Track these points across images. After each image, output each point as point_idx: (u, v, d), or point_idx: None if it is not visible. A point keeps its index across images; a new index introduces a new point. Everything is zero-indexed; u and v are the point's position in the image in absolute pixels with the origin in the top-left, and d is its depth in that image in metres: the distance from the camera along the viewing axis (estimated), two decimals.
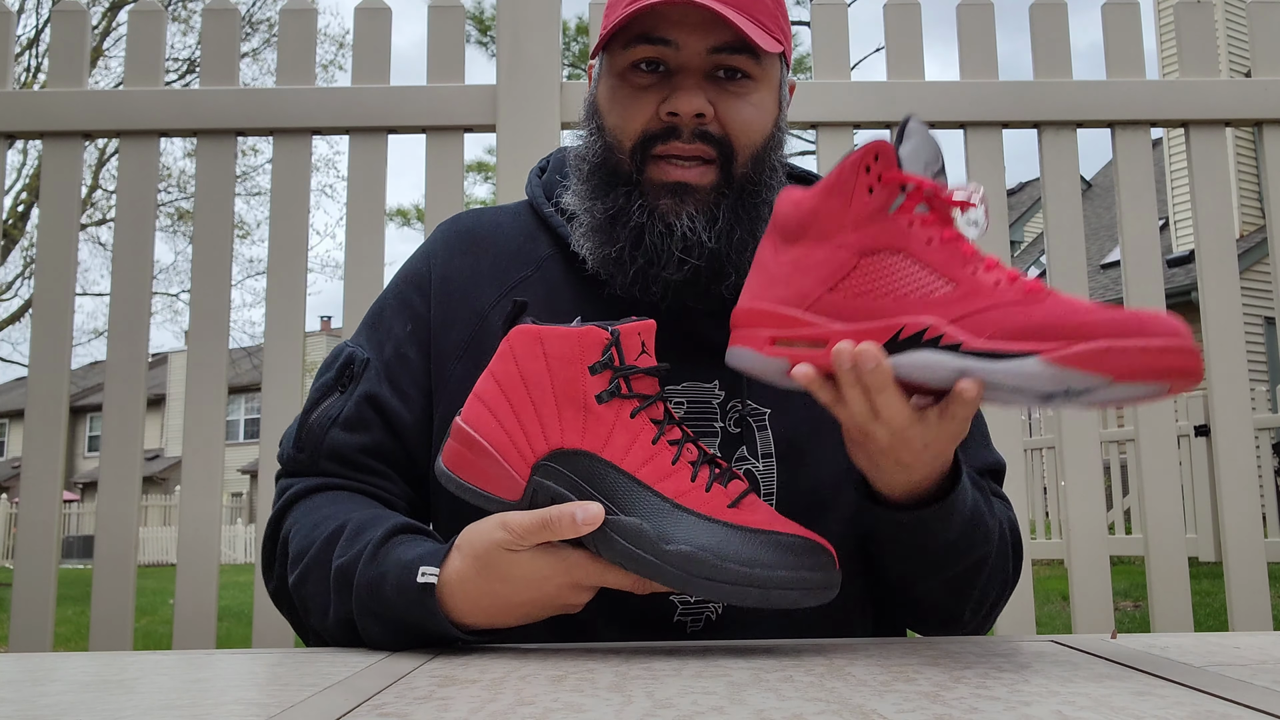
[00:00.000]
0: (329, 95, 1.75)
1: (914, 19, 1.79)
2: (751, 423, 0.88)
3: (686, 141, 0.84)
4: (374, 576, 0.76)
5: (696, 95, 0.83)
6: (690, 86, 0.83)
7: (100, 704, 0.57)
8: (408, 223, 16.01)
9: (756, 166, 0.87)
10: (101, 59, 12.58)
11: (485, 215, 1.00)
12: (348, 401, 0.91)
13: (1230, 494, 1.69)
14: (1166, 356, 0.62)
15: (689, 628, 0.86)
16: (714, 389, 0.88)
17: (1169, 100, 1.77)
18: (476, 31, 13.63)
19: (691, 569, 0.68)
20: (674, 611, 0.86)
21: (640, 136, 0.85)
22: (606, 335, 0.72)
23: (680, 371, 0.87)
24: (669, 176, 0.84)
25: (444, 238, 0.99)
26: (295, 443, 0.93)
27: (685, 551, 0.68)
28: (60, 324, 1.71)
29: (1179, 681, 0.58)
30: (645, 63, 0.85)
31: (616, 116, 0.86)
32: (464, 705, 0.54)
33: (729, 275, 0.85)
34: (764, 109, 0.88)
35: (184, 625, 1.63)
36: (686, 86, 0.83)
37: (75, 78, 1.76)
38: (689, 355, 0.87)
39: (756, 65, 0.86)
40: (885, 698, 0.54)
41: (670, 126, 0.84)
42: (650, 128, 0.85)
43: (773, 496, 0.88)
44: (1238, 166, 11.40)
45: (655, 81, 0.85)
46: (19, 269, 13.37)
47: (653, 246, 0.84)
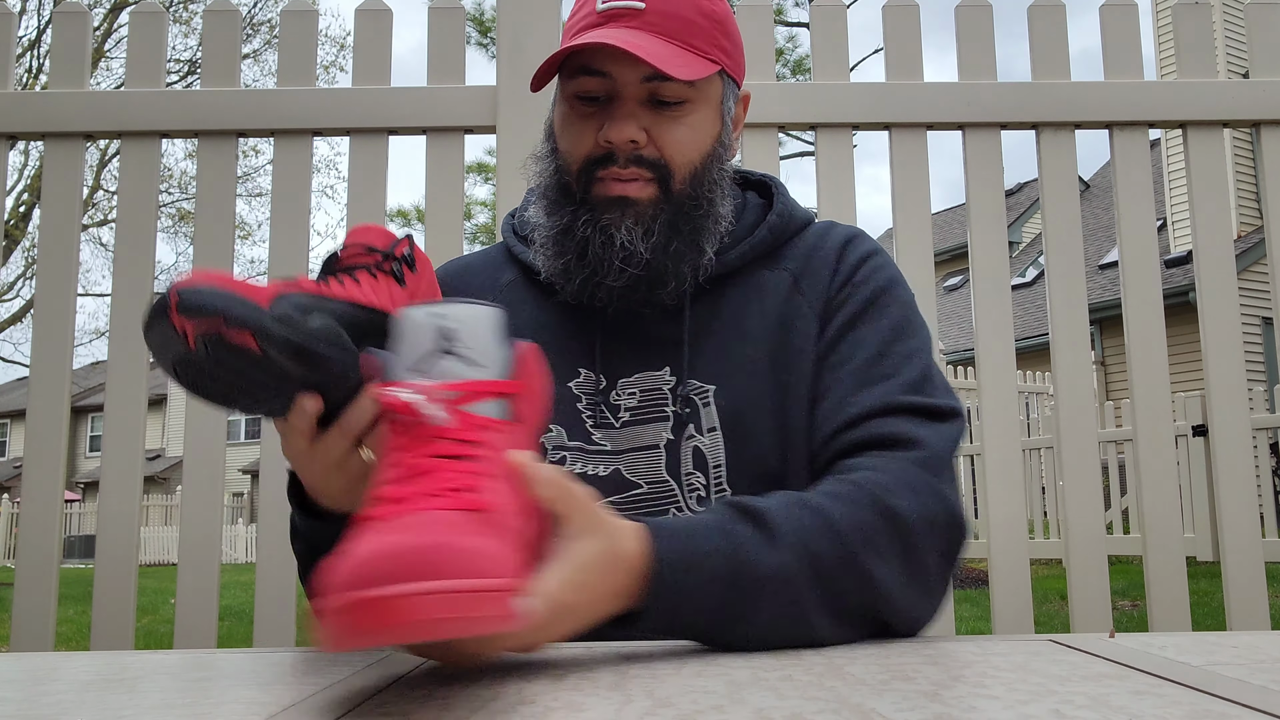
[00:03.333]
0: (330, 96, 1.75)
1: (913, 20, 1.79)
2: (696, 400, 0.93)
3: (623, 166, 0.91)
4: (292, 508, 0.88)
5: (628, 124, 0.90)
6: (623, 116, 0.90)
7: (101, 703, 0.57)
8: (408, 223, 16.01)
9: (695, 183, 0.93)
10: (103, 60, 12.59)
11: (455, 262, 1.11)
12: None
13: (1228, 494, 1.69)
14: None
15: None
16: (664, 375, 0.94)
17: (1167, 101, 1.77)
18: (476, 32, 13.63)
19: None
20: None
21: (585, 161, 0.92)
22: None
23: (633, 363, 0.94)
24: (611, 192, 0.91)
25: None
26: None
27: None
28: (62, 324, 1.71)
29: (1177, 681, 0.58)
30: (586, 92, 0.92)
31: (566, 141, 0.94)
32: (464, 704, 0.54)
33: (668, 283, 0.92)
34: (701, 129, 0.94)
35: (185, 625, 1.64)
36: (619, 116, 0.90)
37: (77, 79, 1.77)
38: (639, 349, 0.95)
39: (691, 89, 0.91)
40: (884, 696, 0.54)
41: (608, 152, 0.91)
42: (593, 153, 0.92)
43: (721, 468, 0.91)
44: (1235, 167, 11.40)
45: (596, 110, 0.92)
46: (21, 270, 13.38)
47: (595, 257, 0.90)
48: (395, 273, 0.79)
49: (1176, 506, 1.69)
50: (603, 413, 0.94)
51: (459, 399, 0.62)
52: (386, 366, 0.66)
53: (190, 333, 0.64)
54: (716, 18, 0.93)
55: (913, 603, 0.80)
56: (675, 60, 0.88)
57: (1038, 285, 15.26)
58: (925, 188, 1.76)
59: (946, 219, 20.23)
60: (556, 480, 0.64)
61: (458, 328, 0.63)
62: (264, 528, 1.65)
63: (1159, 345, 1.72)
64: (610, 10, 0.90)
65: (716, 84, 0.95)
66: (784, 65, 12.32)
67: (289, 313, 0.67)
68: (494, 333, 0.65)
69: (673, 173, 0.92)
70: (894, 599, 0.77)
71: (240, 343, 0.64)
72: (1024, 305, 14.09)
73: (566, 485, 0.65)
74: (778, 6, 12.46)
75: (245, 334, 0.64)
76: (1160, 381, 1.70)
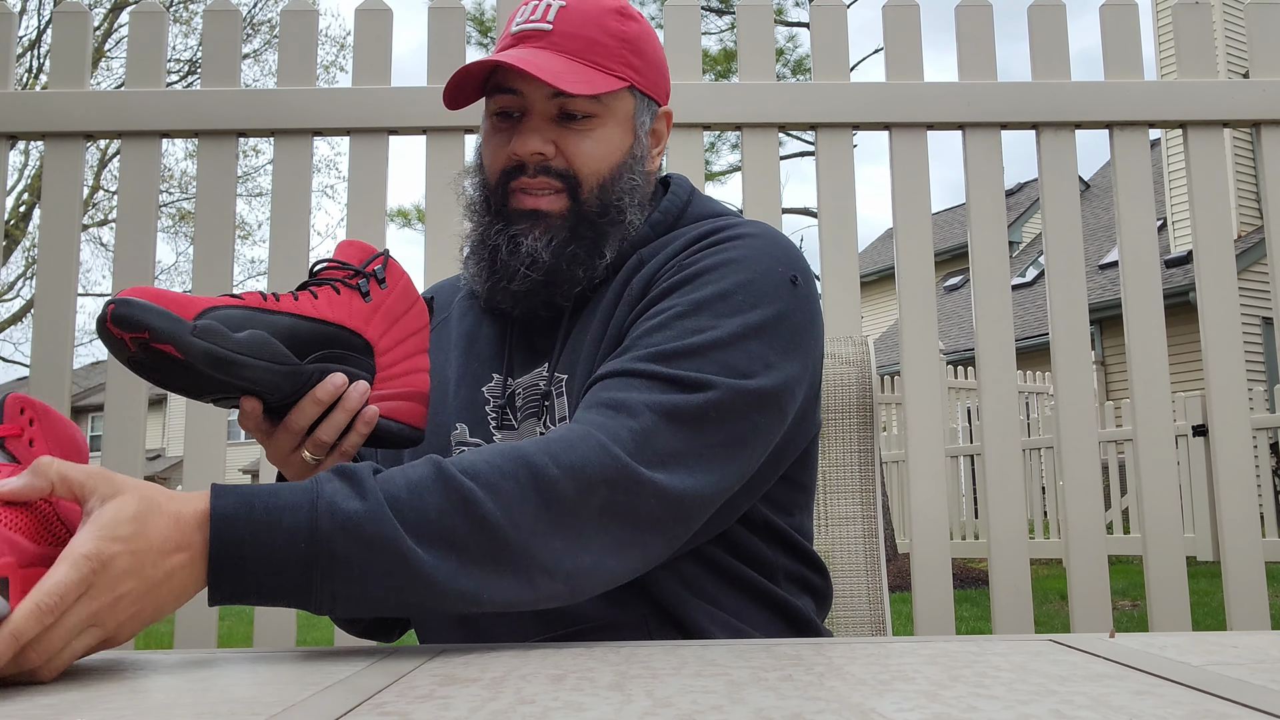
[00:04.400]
0: (330, 96, 1.75)
1: (913, 20, 1.79)
2: (554, 393, 0.97)
3: (531, 176, 0.96)
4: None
5: (533, 138, 0.95)
6: (529, 130, 0.96)
7: (101, 703, 0.57)
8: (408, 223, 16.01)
9: (603, 192, 0.97)
10: (103, 60, 12.59)
11: (447, 281, 1.18)
12: None
13: (1228, 494, 1.69)
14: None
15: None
16: (543, 372, 0.99)
17: (1167, 101, 1.77)
18: (477, 32, 13.63)
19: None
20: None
21: (500, 173, 0.98)
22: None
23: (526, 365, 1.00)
24: (524, 205, 0.96)
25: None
26: None
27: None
28: (62, 324, 1.71)
29: (1177, 681, 0.58)
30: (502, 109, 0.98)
31: (486, 156, 1.00)
32: (464, 704, 0.54)
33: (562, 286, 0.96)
34: (608, 142, 0.98)
35: (185, 624, 1.63)
36: (525, 130, 0.96)
37: (77, 79, 1.77)
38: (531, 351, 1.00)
39: (598, 104, 0.96)
40: (884, 696, 0.54)
41: (519, 164, 0.96)
42: (506, 165, 0.97)
43: None
44: (1235, 167, 11.40)
45: (510, 125, 0.98)
46: (21, 269, 13.38)
47: (503, 264, 0.96)
48: (360, 287, 0.86)
49: (1177, 506, 1.69)
50: (505, 414, 0.98)
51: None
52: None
53: (127, 340, 0.74)
54: (625, 37, 0.98)
55: (560, 552, 0.75)
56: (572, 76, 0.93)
57: (1038, 285, 15.27)
58: (925, 188, 1.76)
59: (946, 219, 20.24)
60: (83, 468, 0.66)
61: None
62: None
63: (1159, 345, 1.72)
64: (521, 32, 0.97)
65: (627, 100, 0.99)
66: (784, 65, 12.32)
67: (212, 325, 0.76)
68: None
69: (580, 183, 0.97)
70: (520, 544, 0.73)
71: (166, 351, 0.74)
72: (1024, 305, 14.09)
73: (95, 469, 0.67)
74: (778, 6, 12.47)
75: (168, 345, 0.74)
76: (1160, 381, 1.70)
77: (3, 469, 0.68)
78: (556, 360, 0.98)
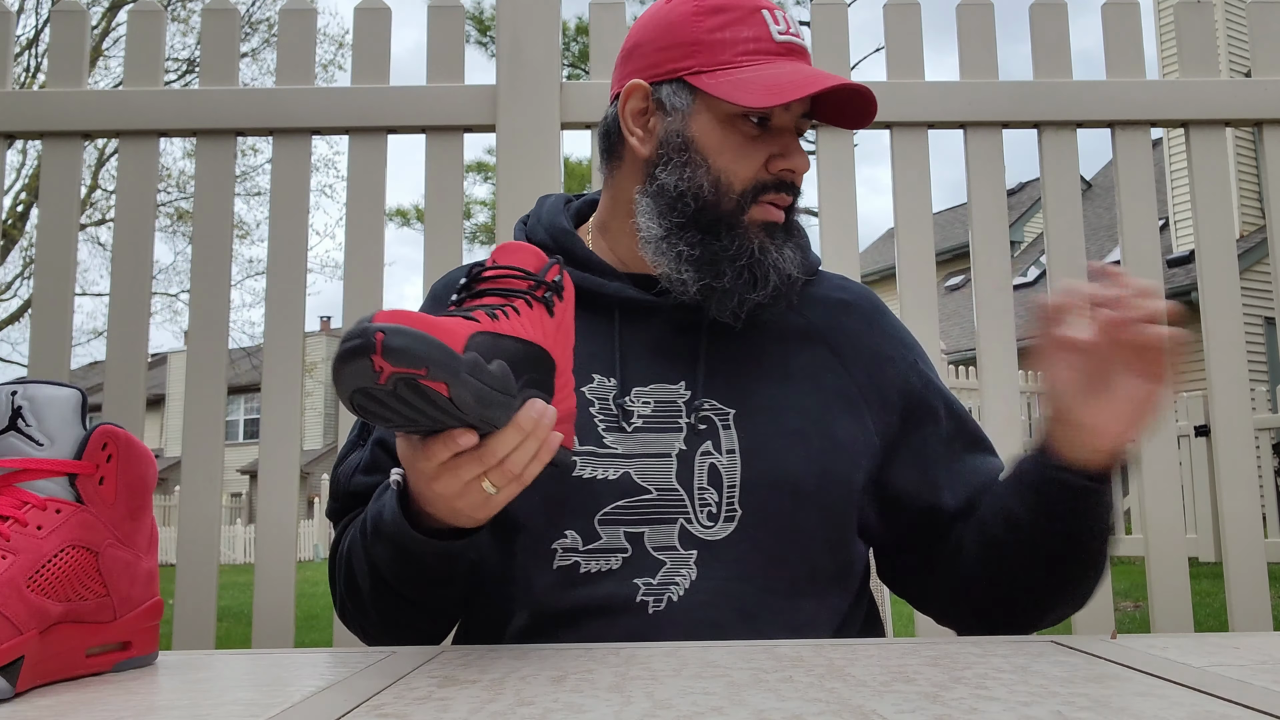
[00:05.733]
0: (329, 95, 1.75)
1: (914, 19, 1.79)
2: (716, 421, 0.95)
3: (788, 193, 0.97)
4: (377, 508, 0.86)
5: (805, 156, 0.97)
6: (799, 149, 0.97)
7: (100, 703, 0.57)
8: (407, 223, 16.02)
9: (796, 212, 1.01)
10: (101, 59, 12.58)
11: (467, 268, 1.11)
12: (365, 452, 1.01)
13: (1230, 494, 1.69)
14: None
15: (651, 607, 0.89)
16: (679, 389, 0.97)
17: (1169, 100, 1.77)
18: (476, 31, 13.63)
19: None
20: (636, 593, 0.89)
21: (752, 184, 0.95)
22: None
23: (648, 373, 0.97)
24: (768, 217, 0.96)
25: (433, 296, 1.09)
26: (331, 495, 1.03)
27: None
28: (60, 324, 1.71)
29: (1179, 682, 0.58)
30: (756, 116, 0.95)
31: (728, 160, 0.95)
32: (463, 705, 0.54)
33: (786, 301, 0.99)
34: None
35: (183, 625, 1.63)
36: (798, 148, 0.97)
37: (75, 78, 1.76)
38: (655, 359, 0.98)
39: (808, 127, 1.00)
40: (885, 698, 0.54)
41: (781, 181, 0.96)
42: (762, 178, 0.96)
43: (735, 488, 0.93)
44: (1238, 166, 11.40)
45: (761, 134, 0.96)
46: (19, 269, 13.38)
47: (754, 277, 0.95)
48: (547, 301, 0.78)
49: (1179, 507, 1.68)
50: (614, 417, 0.95)
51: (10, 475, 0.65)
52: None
53: (386, 372, 0.64)
54: None
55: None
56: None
57: (1039, 285, 15.27)
58: (926, 187, 1.76)
59: (948, 218, 20.24)
60: None
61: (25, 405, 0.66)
62: (262, 528, 1.65)
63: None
64: (788, 44, 0.97)
65: None
66: None
67: (477, 360, 0.67)
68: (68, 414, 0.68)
69: (797, 200, 0.99)
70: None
71: (434, 389, 0.65)
72: (1026, 305, 14.09)
73: None
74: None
75: (441, 384, 0.65)
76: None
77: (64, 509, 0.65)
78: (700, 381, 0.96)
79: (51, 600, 0.62)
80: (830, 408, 0.98)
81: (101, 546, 0.67)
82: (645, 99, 0.99)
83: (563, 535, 0.90)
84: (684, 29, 0.96)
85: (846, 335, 1.03)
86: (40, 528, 0.63)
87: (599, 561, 0.90)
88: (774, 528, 0.92)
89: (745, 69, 0.93)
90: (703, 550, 0.90)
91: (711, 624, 0.88)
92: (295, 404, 1.68)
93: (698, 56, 0.95)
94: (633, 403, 0.95)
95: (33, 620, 0.60)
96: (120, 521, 0.69)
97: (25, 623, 0.60)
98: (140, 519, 0.71)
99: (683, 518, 0.92)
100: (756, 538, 0.91)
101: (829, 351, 1.01)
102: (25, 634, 0.60)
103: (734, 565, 0.90)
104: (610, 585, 0.89)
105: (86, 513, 0.66)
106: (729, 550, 0.91)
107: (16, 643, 0.59)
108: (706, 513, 0.92)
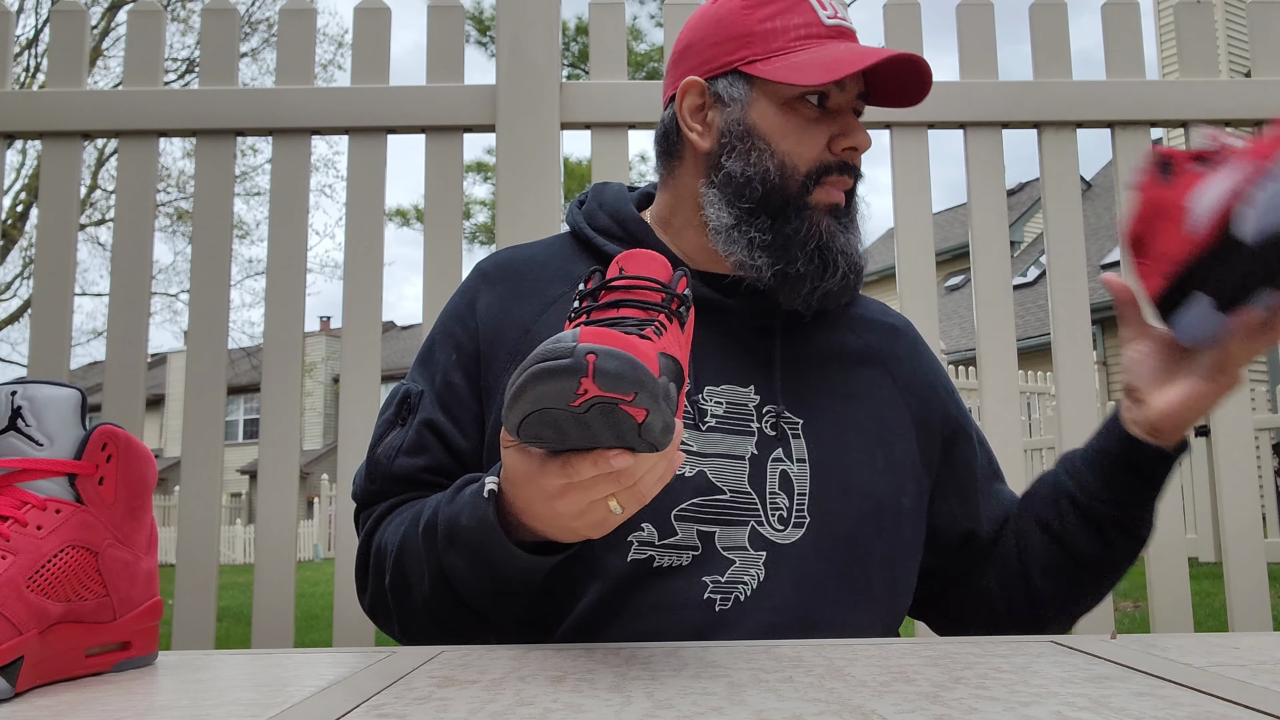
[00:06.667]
0: (328, 95, 1.75)
1: (914, 19, 1.78)
2: (787, 430, 0.96)
3: (850, 175, 0.97)
4: (452, 512, 0.83)
5: (866, 135, 0.96)
6: (860, 127, 0.97)
7: (100, 703, 0.57)
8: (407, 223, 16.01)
9: (856, 194, 1.00)
10: (101, 59, 12.58)
11: (520, 249, 1.10)
12: (408, 431, 0.98)
13: (1230, 494, 1.69)
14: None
15: (717, 605, 0.89)
16: (749, 392, 0.97)
17: (1169, 100, 1.77)
18: (476, 31, 13.63)
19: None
20: (704, 590, 0.89)
21: (817, 165, 0.95)
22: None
23: (719, 374, 0.96)
24: (832, 199, 0.96)
25: (481, 273, 1.07)
26: (367, 477, 1.00)
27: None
28: (59, 324, 1.71)
29: (1179, 682, 0.58)
30: (816, 96, 0.95)
31: (791, 144, 0.95)
32: (463, 706, 0.54)
33: (856, 289, 0.99)
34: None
35: (183, 625, 1.63)
36: (858, 126, 0.97)
37: (74, 78, 1.76)
38: (725, 361, 0.97)
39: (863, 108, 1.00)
40: (885, 698, 0.54)
41: (842, 160, 0.96)
42: (824, 159, 0.96)
43: (805, 496, 0.94)
44: None
45: (821, 115, 0.96)
46: (18, 269, 13.37)
47: (825, 262, 0.95)
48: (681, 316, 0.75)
49: (1178, 507, 1.68)
50: (690, 415, 0.94)
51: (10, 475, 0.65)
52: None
53: (590, 394, 0.61)
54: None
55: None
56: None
57: (1039, 285, 15.27)
58: (926, 187, 1.76)
59: (947, 218, 20.24)
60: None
61: (25, 405, 0.66)
62: (262, 528, 1.65)
63: None
64: (838, 27, 0.97)
65: None
66: None
67: (669, 385, 0.64)
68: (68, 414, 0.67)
69: (857, 183, 0.99)
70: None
71: (631, 415, 0.62)
72: (1026, 305, 14.09)
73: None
74: None
75: (642, 410, 0.62)
76: None
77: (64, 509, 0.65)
78: (775, 388, 0.97)
79: (51, 600, 0.62)
80: (888, 429, 1.00)
81: (101, 546, 0.67)
82: (702, 95, 0.99)
83: (639, 529, 0.90)
84: (735, 23, 0.97)
85: (899, 361, 1.05)
86: (40, 528, 0.63)
87: (671, 557, 0.90)
88: (839, 538, 0.93)
89: (799, 53, 0.94)
90: (771, 553, 0.91)
91: (773, 627, 0.88)
92: (295, 404, 1.68)
93: (751, 47, 0.96)
94: (705, 401, 0.95)
95: (32, 620, 0.60)
96: (120, 521, 0.69)
97: (25, 623, 0.60)
98: (140, 519, 0.71)
99: (754, 520, 0.92)
100: (823, 546, 0.92)
101: (884, 374, 1.03)
102: (25, 634, 0.60)
103: (800, 571, 0.91)
104: (680, 581, 0.89)
105: (86, 513, 0.66)
106: (796, 555, 0.92)
107: (16, 643, 0.59)
108: (778, 517, 0.93)
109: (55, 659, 0.63)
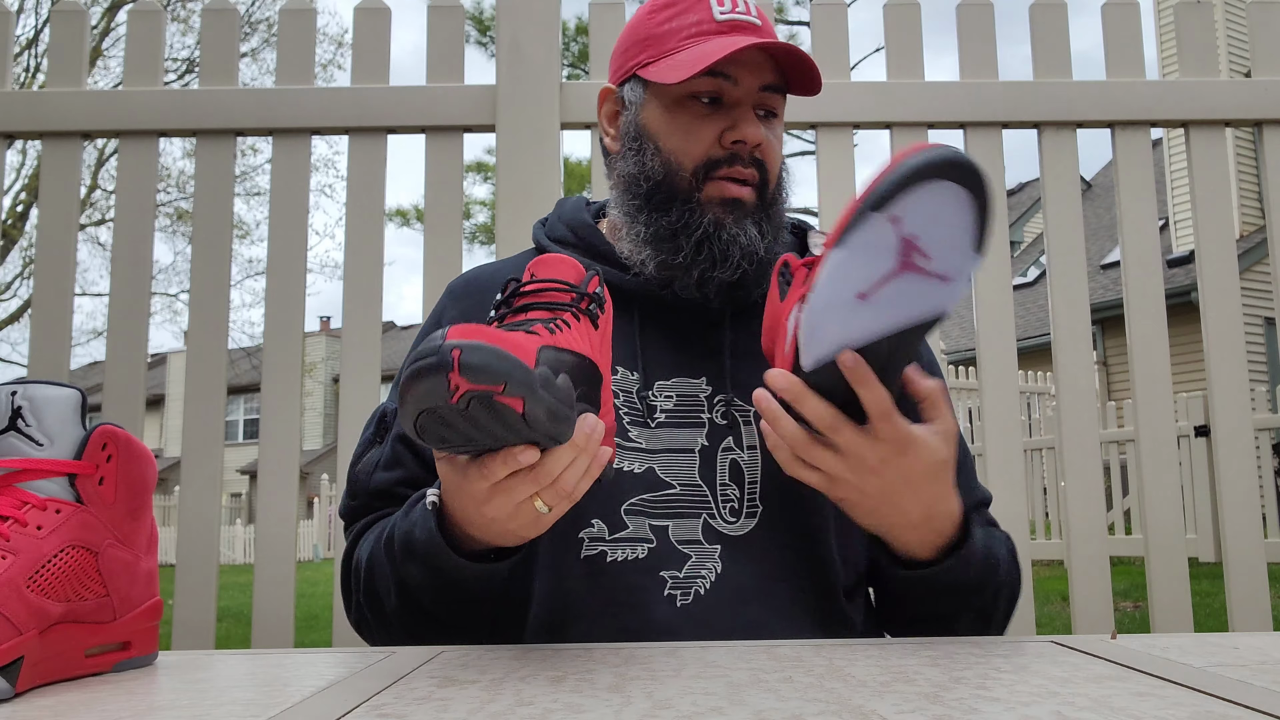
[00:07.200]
0: (328, 95, 1.75)
1: (914, 19, 1.78)
2: (738, 417, 0.97)
3: (745, 166, 0.96)
4: (407, 526, 0.85)
5: (758, 126, 0.95)
6: (752, 119, 0.95)
7: (99, 703, 0.57)
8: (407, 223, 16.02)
9: (777, 190, 1.00)
10: (100, 59, 12.58)
11: (486, 267, 1.13)
12: (385, 448, 1.00)
13: (1230, 494, 1.69)
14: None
15: (679, 601, 0.90)
16: (701, 384, 0.98)
17: (1169, 100, 1.77)
18: (476, 31, 13.64)
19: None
20: (663, 586, 0.90)
21: (704, 160, 0.96)
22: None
23: (671, 368, 0.98)
24: (726, 194, 0.95)
25: (449, 292, 1.10)
26: (348, 494, 1.02)
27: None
28: (59, 324, 1.71)
29: (1179, 682, 0.58)
30: (706, 94, 0.95)
31: (676, 141, 0.97)
32: (463, 706, 0.54)
33: (761, 281, 0.97)
34: (781, 142, 1.02)
35: (183, 626, 1.63)
36: (749, 119, 0.95)
37: (74, 78, 1.76)
38: (676, 354, 0.98)
39: (782, 103, 1.00)
40: (885, 698, 0.54)
41: (733, 153, 0.95)
42: (713, 154, 0.96)
43: (757, 484, 0.95)
44: (1238, 167, 11.39)
45: (712, 112, 0.96)
46: (18, 269, 13.38)
47: (719, 252, 0.94)
48: (591, 314, 0.78)
49: (1178, 507, 1.68)
50: (639, 411, 0.96)
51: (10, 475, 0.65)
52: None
53: (461, 389, 0.62)
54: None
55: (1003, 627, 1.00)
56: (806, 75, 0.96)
57: (1039, 285, 15.26)
58: None
59: None
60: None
61: (25, 405, 0.66)
62: (262, 528, 1.65)
63: (1161, 345, 1.71)
64: (731, 21, 0.96)
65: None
66: None
67: (548, 375, 0.66)
68: (68, 414, 0.68)
69: (768, 180, 0.98)
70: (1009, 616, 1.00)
71: (509, 405, 0.63)
72: (1025, 305, 14.09)
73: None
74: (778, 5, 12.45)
75: (518, 399, 0.63)
76: (1162, 382, 1.70)
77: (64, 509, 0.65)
78: (725, 377, 0.97)
79: (51, 600, 0.62)
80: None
81: (101, 547, 0.67)
82: (615, 102, 1.03)
83: (589, 525, 0.91)
84: (638, 28, 1.00)
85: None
86: (40, 528, 0.63)
87: (625, 549, 0.90)
88: (793, 525, 0.94)
89: (682, 52, 0.95)
90: (726, 545, 0.92)
91: (739, 618, 0.89)
92: (295, 404, 1.68)
93: (649, 50, 0.98)
94: (655, 397, 0.96)
95: (33, 620, 0.60)
96: (120, 522, 0.69)
97: (25, 623, 0.60)
98: (140, 519, 0.71)
99: (706, 513, 0.93)
100: (777, 534, 0.93)
101: None
102: (25, 634, 0.60)
103: (758, 560, 0.92)
104: (637, 576, 0.90)
105: (86, 513, 0.66)
106: (752, 546, 0.92)
107: (16, 643, 0.59)
108: (729, 508, 0.93)
109: (55, 659, 0.63)
